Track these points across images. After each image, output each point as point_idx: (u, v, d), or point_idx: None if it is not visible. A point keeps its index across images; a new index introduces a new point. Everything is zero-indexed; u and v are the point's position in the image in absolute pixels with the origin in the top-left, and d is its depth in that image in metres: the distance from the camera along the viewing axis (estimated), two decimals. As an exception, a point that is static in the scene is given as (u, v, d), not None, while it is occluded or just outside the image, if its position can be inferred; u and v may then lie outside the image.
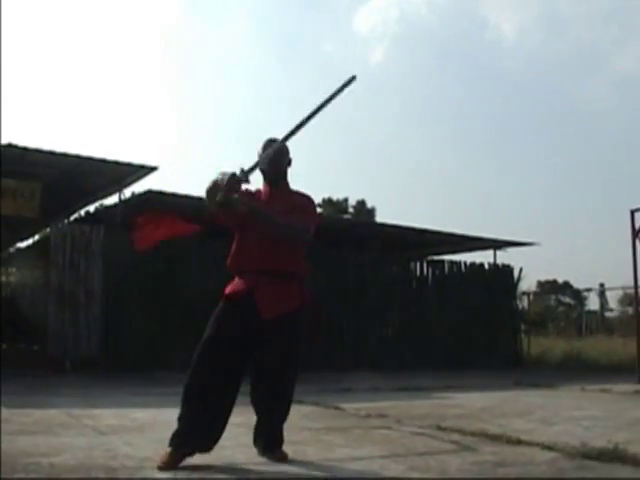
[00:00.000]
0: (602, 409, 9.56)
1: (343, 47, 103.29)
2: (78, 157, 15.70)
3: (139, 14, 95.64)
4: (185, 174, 74.43)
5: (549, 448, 5.90)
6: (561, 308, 62.08)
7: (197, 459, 5.15)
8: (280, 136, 5.21)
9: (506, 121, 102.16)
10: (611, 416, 8.69)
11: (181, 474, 4.73)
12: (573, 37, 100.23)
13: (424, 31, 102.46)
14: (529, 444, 6.12)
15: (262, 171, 5.37)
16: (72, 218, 21.25)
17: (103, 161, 15.91)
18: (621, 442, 5.86)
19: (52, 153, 15.42)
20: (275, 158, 5.34)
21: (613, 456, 5.40)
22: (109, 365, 15.64)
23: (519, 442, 6.21)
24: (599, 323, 39.79)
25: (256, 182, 5.36)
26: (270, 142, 5.38)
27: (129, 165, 16.18)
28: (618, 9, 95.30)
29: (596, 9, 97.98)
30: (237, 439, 5.87)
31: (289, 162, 5.56)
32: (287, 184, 5.57)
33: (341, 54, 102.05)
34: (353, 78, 5.09)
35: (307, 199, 5.56)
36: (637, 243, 15.67)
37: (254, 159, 5.28)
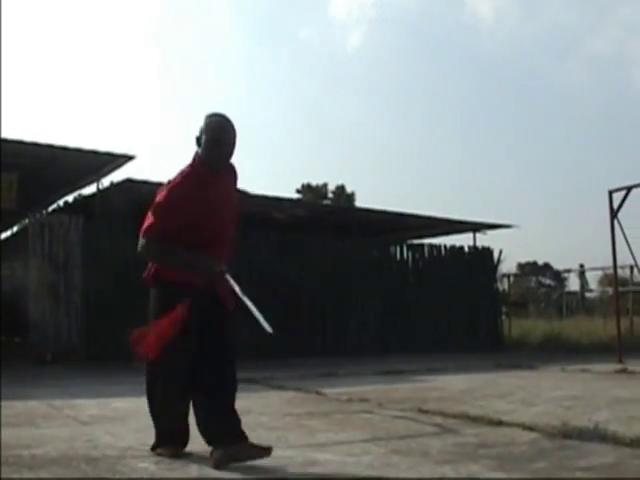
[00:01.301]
0: (582, 389, 9.61)
1: (320, 32, 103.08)
2: (54, 147, 15.60)
3: (118, 2, 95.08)
4: (163, 162, 74.09)
5: (530, 429, 5.93)
6: (542, 289, 62.23)
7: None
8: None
9: (484, 104, 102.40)
10: (591, 396, 8.73)
11: (163, 464, 4.72)
12: (549, 19, 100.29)
13: (401, 14, 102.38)
14: (510, 425, 6.15)
15: (205, 157, 4.86)
16: (50, 209, 21.15)
17: (80, 150, 15.82)
18: (601, 421, 5.91)
19: (28, 144, 15.31)
20: (230, 143, 4.90)
21: (593, 435, 5.45)
22: (90, 355, 15.62)
23: (500, 423, 6.25)
24: (579, 304, 39.92)
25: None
26: (217, 118, 4.90)
27: (106, 154, 16.09)
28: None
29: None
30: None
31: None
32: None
33: (318, 39, 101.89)
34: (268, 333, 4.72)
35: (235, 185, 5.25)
36: (615, 224, 15.71)
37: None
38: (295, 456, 4.92)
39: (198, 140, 4.87)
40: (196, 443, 5.10)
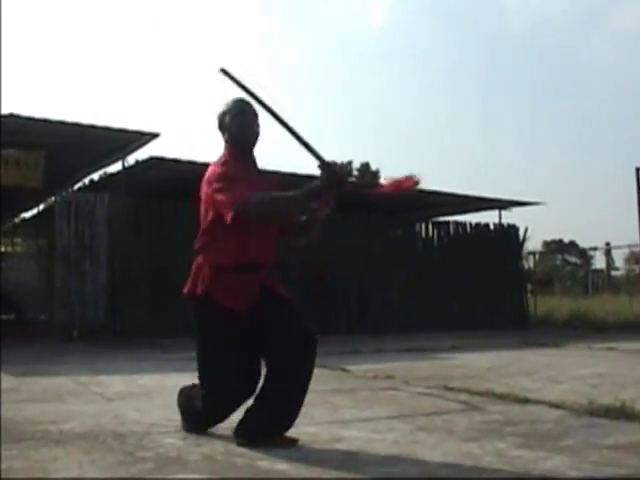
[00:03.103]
0: (609, 367, 9.58)
1: (343, 9, 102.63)
2: (80, 125, 15.65)
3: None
4: (188, 140, 74.22)
5: (556, 406, 5.91)
6: (567, 267, 62.05)
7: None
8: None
9: (509, 79, 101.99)
10: (618, 374, 8.70)
11: (190, 439, 4.73)
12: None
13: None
14: (536, 402, 6.14)
15: (240, 138, 4.67)
16: (76, 187, 21.23)
17: (105, 129, 15.86)
18: (628, 399, 5.87)
19: (54, 122, 15.37)
20: (255, 113, 4.69)
21: (620, 413, 5.42)
22: (116, 332, 15.69)
23: (526, 401, 6.24)
24: (605, 282, 39.75)
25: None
26: (244, 104, 4.67)
27: (131, 132, 16.12)
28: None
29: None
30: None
31: None
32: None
33: (342, 16, 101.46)
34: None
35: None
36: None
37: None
38: (320, 433, 4.93)
39: (221, 126, 4.71)
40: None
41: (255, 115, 4.66)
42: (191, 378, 8.37)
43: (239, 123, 4.63)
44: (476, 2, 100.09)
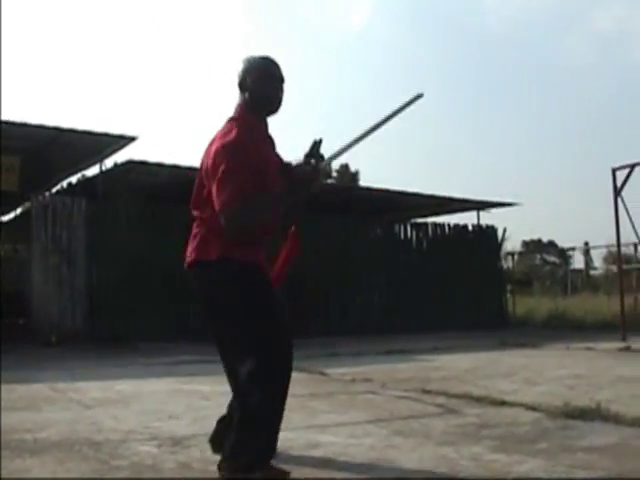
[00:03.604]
0: (586, 368, 9.62)
1: (321, 9, 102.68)
2: (56, 129, 15.59)
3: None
4: (166, 143, 74.08)
5: (533, 408, 5.94)
6: (546, 267, 62.21)
7: (180, 430, 5.17)
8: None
9: (487, 80, 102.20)
10: (594, 374, 8.74)
11: (165, 446, 4.72)
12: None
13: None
14: (513, 405, 6.17)
15: (261, 102, 4.14)
16: (54, 190, 21.16)
17: (82, 132, 15.79)
18: (603, 400, 5.91)
19: (30, 126, 15.28)
20: (283, 80, 4.22)
21: (595, 415, 5.46)
22: (94, 337, 15.62)
23: (503, 403, 6.26)
24: (584, 281, 39.88)
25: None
26: (262, 57, 4.21)
27: (109, 135, 16.07)
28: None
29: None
30: (221, 408, 5.87)
31: None
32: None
33: (321, 17, 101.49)
34: (420, 96, 4.43)
35: None
36: (619, 202, 15.68)
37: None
38: (298, 438, 4.93)
39: (241, 85, 4.14)
40: (196, 425, 5.11)
41: (282, 80, 4.20)
42: (169, 384, 8.41)
43: (265, 88, 4.12)
44: (454, 3, 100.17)
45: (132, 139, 16.35)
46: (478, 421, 5.50)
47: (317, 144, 4.18)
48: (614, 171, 15.70)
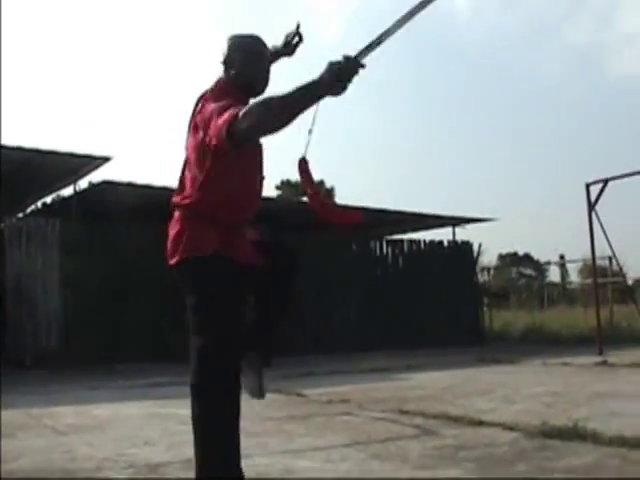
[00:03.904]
0: (563, 384, 9.62)
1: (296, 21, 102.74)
2: (30, 150, 15.48)
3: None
4: (141, 164, 73.90)
5: (510, 428, 5.91)
6: (522, 280, 62.49)
7: (156, 457, 5.12)
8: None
9: (461, 96, 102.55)
10: (571, 391, 8.74)
11: (140, 474, 4.67)
12: (525, 10, 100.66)
13: (376, 9, 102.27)
14: (490, 425, 6.14)
15: (248, 82, 3.85)
16: (29, 210, 21.07)
17: (55, 153, 15.70)
18: (581, 418, 5.89)
19: (3, 147, 15.17)
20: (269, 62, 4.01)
21: (573, 434, 5.43)
22: (70, 359, 15.51)
23: (481, 423, 6.23)
24: (561, 294, 40.08)
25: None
26: (249, 36, 3.97)
27: (82, 156, 15.99)
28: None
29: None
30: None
31: None
32: None
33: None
34: None
35: None
36: (594, 216, 15.76)
37: None
38: (274, 464, 4.89)
39: (227, 62, 3.88)
40: (172, 452, 5.06)
41: (269, 60, 4.00)
42: (146, 407, 8.35)
43: (253, 67, 3.86)
44: (427, 17, 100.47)
45: (106, 159, 16.28)
46: (455, 442, 5.47)
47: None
48: (588, 186, 15.79)
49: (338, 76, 3.33)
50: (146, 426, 6.88)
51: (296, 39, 4.29)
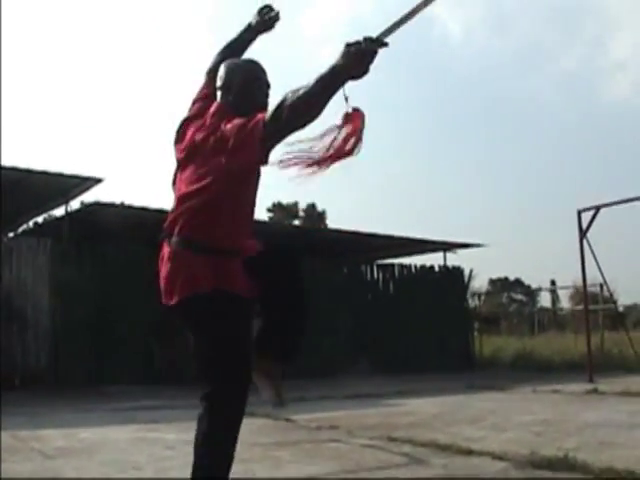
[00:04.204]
0: (553, 413, 9.60)
1: (290, 49, 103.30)
2: (22, 170, 15.44)
3: (76, 16, 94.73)
4: (133, 185, 73.91)
5: (500, 458, 5.89)
6: (513, 305, 62.52)
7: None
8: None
9: (452, 120, 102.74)
10: (561, 420, 8.72)
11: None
12: (518, 36, 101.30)
13: (369, 30, 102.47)
14: (480, 454, 6.11)
15: (246, 107, 3.59)
16: (20, 230, 21.05)
17: (47, 173, 15.66)
18: (571, 449, 5.88)
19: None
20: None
21: (563, 465, 5.41)
22: (59, 380, 15.45)
23: (470, 452, 6.20)
24: (551, 320, 40.11)
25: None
26: (259, 70, 3.84)
27: (74, 177, 15.96)
28: (561, 9, 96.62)
29: (540, 8, 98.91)
30: (186, 458, 5.78)
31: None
32: None
33: (288, 55, 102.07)
34: None
35: None
36: (585, 243, 15.80)
37: None
38: None
39: (224, 87, 3.74)
40: (159, 477, 5.02)
41: (268, 86, 3.81)
42: (134, 431, 8.30)
43: (253, 92, 3.71)
44: (419, 43, 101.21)
45: (98, 181, 16.26)
46: (444, 472, 5.45)
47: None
48: (579, 213, 15.83)
49: (356, 59, 3.27)
50: (134, 450, 6.83)
51: (272, 13, 4.24)
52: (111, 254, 17.00)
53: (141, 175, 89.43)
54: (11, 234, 20.65)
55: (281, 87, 4.09)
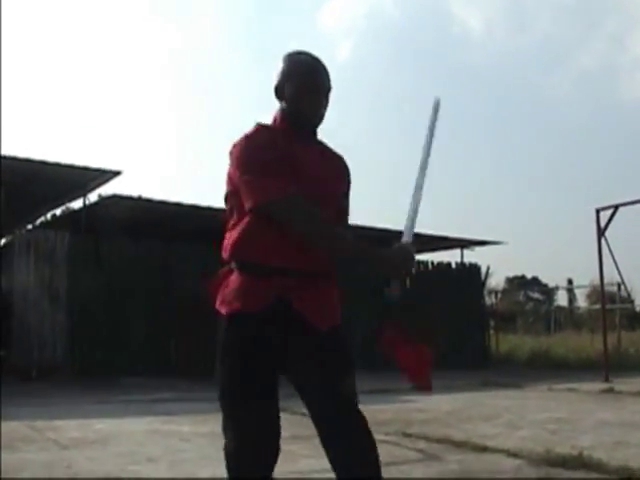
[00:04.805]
0: (568, 411, 9.57)
1: (309, 44, 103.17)
2: (40, 162, 15.49)
3: (103, 14, 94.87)
4: (150, 178, 73.93)
5: (514, 455, 5.88)
6: (530, 304, 62.34)
7: (158, 474, 5.09)
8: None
9: (471, 117, 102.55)
10: (577, 418, 8.69)
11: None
12: (538, 32, 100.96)
13: (390, 26, 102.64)
14: (494, 451, 6.10)
15: (298, 119, 3.23)
16: (38, 221, 21.11)
17: (66, 166, 15.71)
18: (586, 447, 5.87)
19: (10, 158, 15.17)
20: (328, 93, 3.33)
21: (577, 463, 5.39)
22: (75, 372, 15.50)
23: (484, 449, 6.20)
24: (568, 318, 39.96)
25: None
26: (307, 57, 3.36)
27: (93, 170, 16.01)
28: (581, 5, 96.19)
29: (560, 5, 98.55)
30: (201, 450, 5.80)
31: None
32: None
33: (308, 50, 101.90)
34: (438, 103, 3.63)
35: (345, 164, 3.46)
36: (603, 242, 15.72)
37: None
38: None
39: (278, 90, 3.27)
40: (174, 470, 5.02)
41: (328, 91, 3.33)
42: (148, 423, 8.32)
43: (305, 103, 3.24)
44: (440, 39, 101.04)
45: (117, 173, 16.31)
46: (459, 468, 5.45)
47: None
48: (598, 211, 15.75)
49: (403, 266, 3.12)
50: (148, 442, 6.85)
51: None
52: (129, 247, 17.03)
53: (160, 169, 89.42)
54: (29, 226, 20.72)
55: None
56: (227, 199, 3.17)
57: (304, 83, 3.23)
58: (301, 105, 3.22)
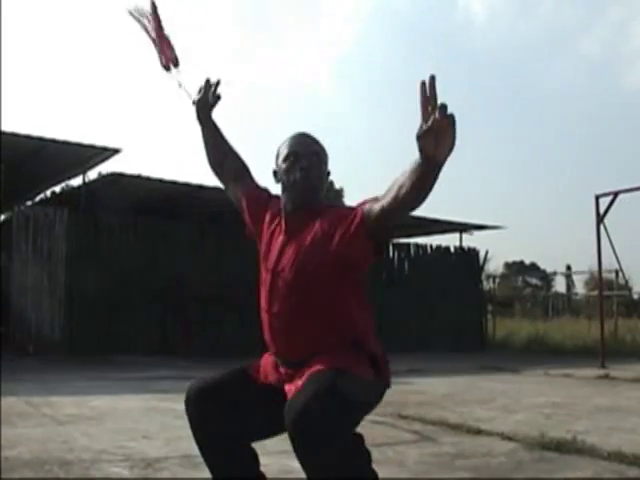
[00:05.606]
0: (564, 395, 9.59)
1: (313, 27, 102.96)
2: (41, 139, 15.47)
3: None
4: (151, 156, 73.82)
5: (509, 438, 5.90)
6: (528, 289, 62.35)
7: (153, 451, 5.11)
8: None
9: (474, 102, 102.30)
10: (572, 403, 8.72)
11: (137, 469, 4.67)
12: (541, 18, 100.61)
13: (394, 11, 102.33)
14: (489, 434, 6.12)
15: (285, 190, 3.21)
16: (38, 199, 21.12)
17: (65, 143, 15.69)
18: (580, 432, 5.89)
19: (14, 135, 15.16)
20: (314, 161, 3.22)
21: (571, 447, 5.41)
22: (72, 349, 15.53)
23: (479, 432, 6.22)
24: (565, 305, 40.00)
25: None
26: (304, 138, 3.30)
27: (92, 147, 15.98)
28: None
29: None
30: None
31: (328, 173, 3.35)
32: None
33: (311, 33, 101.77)
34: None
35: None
36: (602, 228, 15.73)
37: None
38: (271, 464, 4.85)
39: (276, 173, 3.26)
40: (170, 447, 5.04)
41: (308, 156, 3.20)
42: (145, 400, 8.35)
43: (283, 172, 3.20)
44: (443, 25, 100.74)
45: (116, 151, 16.28)
46: (453, 450, 5.47)
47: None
48: (597, 198, 15.75)
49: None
50: (144, 419, 6.88)
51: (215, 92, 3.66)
52: (127, 224, 17.03)
53: (160, 147, 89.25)
54: (28, 203, 20.72)
55: (301, 62, 4.05)
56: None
57: (282, 152, 3.24)
58: (281, 173, 3.21)
